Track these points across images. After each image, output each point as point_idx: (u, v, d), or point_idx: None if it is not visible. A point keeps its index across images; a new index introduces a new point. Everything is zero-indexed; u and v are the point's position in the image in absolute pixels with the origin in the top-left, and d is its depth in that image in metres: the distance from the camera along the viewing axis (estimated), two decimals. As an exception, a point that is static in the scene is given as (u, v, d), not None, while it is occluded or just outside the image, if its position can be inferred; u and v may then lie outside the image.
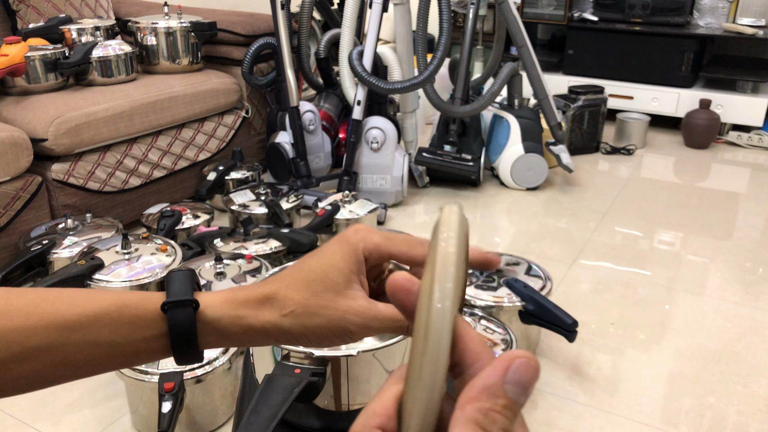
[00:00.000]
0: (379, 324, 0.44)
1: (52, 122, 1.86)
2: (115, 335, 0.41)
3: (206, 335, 0.43)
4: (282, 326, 0.43)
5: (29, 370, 0.40)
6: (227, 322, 0.43)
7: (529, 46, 2.41)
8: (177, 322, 0.42)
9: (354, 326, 0.43)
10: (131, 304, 0.42)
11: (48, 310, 0.40)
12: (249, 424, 0.56)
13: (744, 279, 1.89)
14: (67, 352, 0.40)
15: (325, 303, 0.43)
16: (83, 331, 0.40)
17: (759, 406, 1.37)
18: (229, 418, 1.33)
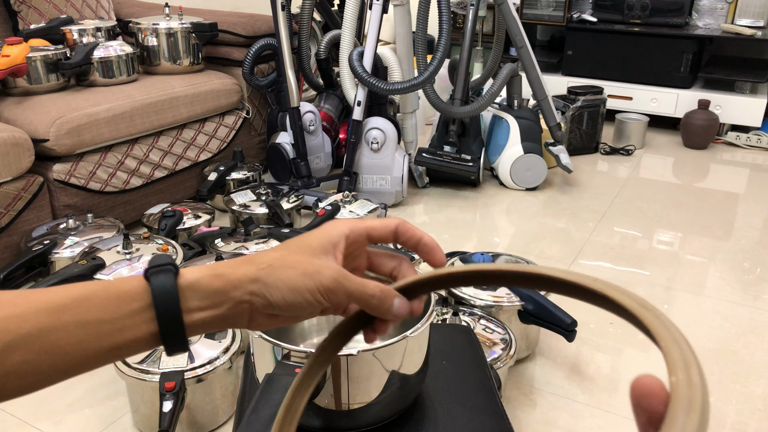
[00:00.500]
0: (355, 287, 0.46)
1: (54, 123, 1.87)
2: (102, 312, 0.42)
3: (189, 299, 0.44)
4: (258, 278, 0.45)
5: (21, 360, 0.40)
6: (206, 281, 0.44)
7: (528, 47, 2.42)
8: (159, 284, 0.43)
9: (328, 280, 0.45)
10: (116, 282, 0.44)
11: (36, 297, 0.41)
12: (249, 423, 0.57)
13: (743, 279, 1.90)
14: (58, 336, 0.40)
15: (301, 258, 0.46)
16: (71, 311, 0.41)
17: (757, 405, 1.38)
18: (229, 417, 1.34)
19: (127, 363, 1.24)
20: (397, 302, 0.49)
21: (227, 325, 0.46)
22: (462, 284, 0.51)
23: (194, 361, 1.24)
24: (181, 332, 0.44)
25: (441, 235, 2.17)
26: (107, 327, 0.42)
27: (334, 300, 0.46)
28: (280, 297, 0.45)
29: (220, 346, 1.29)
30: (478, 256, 1.58)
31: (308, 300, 0.45)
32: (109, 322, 0.42)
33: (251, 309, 0.45)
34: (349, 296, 0.46)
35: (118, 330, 0.42)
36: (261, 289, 0.45)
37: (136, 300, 0.43)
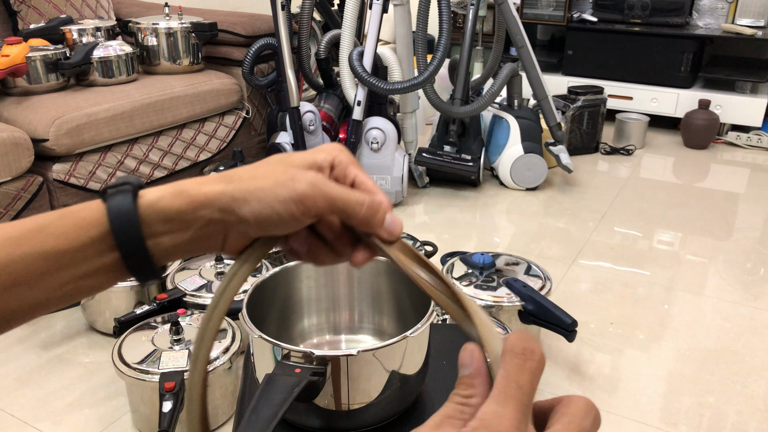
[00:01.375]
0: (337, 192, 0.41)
1: (53, 122, 1.87)
2: (60, 241, 0.39)
3: (151, 223, 0.39)
4: (225, 192, 0.40)
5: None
6: (168, 201, 0.40)
7: (528, 46, 2.42)
8: (115, 206, 0.39)
9: (303, 185, 0.40)
10: (73, 209, 0.40)
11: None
12: (249, 423, 0.57)
13: (743, 279, 1.90)
14: (17, 269, 0.38)
15: (276, 168, 0.41)
16: (28, 243, 0.39)
17: (758, 405, 1.38)
18: (229, 417, 1.34)
19: (126, 363, 1.24)
20: (389, 216, 0.42)
21: (200, 249, 0.41)
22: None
23: (194, 361, 1.24)
24: (146, 259, 0.40)
25: (441, 235, 2.17)
26: (67, 257, 0.39)
27: (312, 208, 0.40)
28: (248, 211, 0.40)
29: (219, 346, 1.29)
30: (478, 256, 1.58)
31: (279, 212, 0.39)
32: (68, 252, 0.39)
33: (224, 229, 0.41)
34: (331, 203, 0.40)
35: (80, 260, 0.39)
36: (230, 204, 0.40)
37: (95, 226, 0.39)
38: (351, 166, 0.44)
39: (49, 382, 1.46)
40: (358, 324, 0.79)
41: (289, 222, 0.40)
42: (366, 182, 0.44)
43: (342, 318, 0.78)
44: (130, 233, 0.39)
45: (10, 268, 0.38)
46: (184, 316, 1.36)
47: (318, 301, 0.77)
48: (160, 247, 0.40)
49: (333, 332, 0.79)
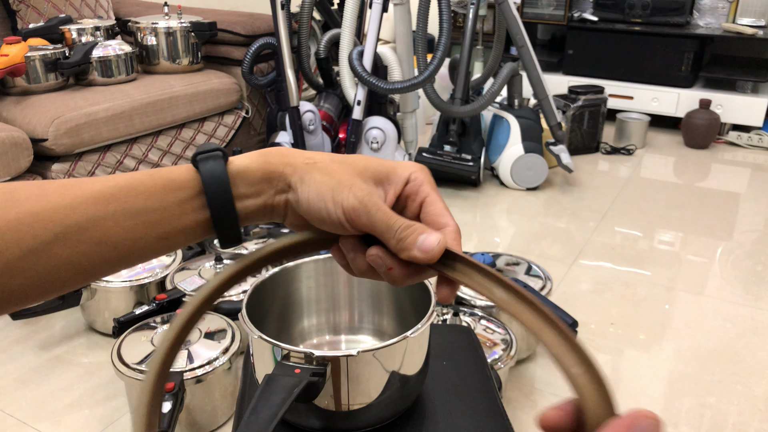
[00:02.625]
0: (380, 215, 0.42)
1: (52, 122, 1.86)
2: (150, 201, 0.40)
3: (238, 186, 0.42)
4: (297, 170, 0.43)
5: (72, 252, 0.39)
6: (255, 167, 0.43)
7: (529, 46, 2.41)
8: (208, 170, 0.41)
9: (354, 199, 0.42)
10: (163, 171, 0.42)
11: (83, 187, 0.40)
12: (249, 424, 0.56)
13: (744, 279, 1.89)
14: (106, 227, 0.39)
15: (344, 169, 0.43)
16: (118, 201, 0.40)
17: (759, 405, 1.38)
18: (229, 418, 1.33)
19: (126, 363, 1.23)
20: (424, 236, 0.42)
21: (269, 217, 0.44)
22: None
23: (193, 362, 1.24)
24: (234, 220, 0.42)
25: (441, 235, 2.17)
26: (156, 215, 0.41)
27: (356, 222, 0.42)
28: (305, 197, 0.43)
29: (219, 346, 1.28)
30: (478, 256, 1.57)
31: (329, 210, 0.42)
32: (157, 211, 0.41)
33: (286, 202, 0.44)
34: (372, 224, 0.42)
35: (167, 219, 0.41)
36: (296, 183, 0.43)
37: (185, 188, 0.41)
38: (426, 185, 0.45)
39: (48, 382, 1.45)
40: (358, 324, 0.78)
41: (332, 222, 0.43)
42: (436, 204, 0.45)
43: (342, 318, 0.78)
44: (222, 195, 0.41)
45: (101, 224, 0.39)
46: (183, 316, 1.35)
47: (318, 301, 0.77)
48: (243, 208, 0.43)
49: (333, 332, 0.78)
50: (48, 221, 0.38)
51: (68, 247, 0.39)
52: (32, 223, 0.38)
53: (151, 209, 0.40)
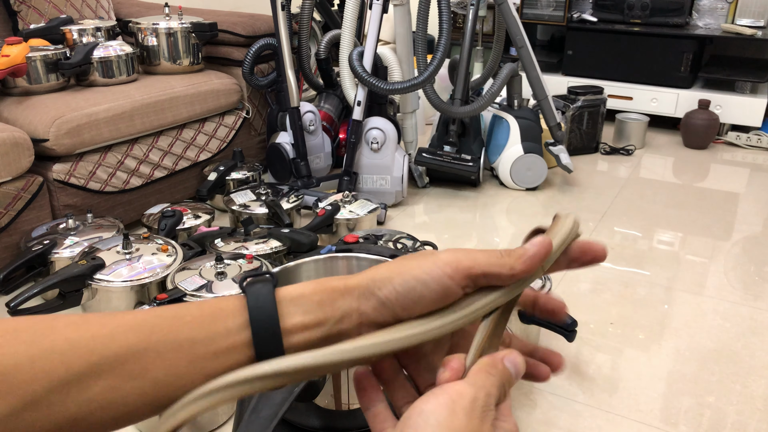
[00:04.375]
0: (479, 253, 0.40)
1: (54, 123, 1.87)
2: (196, 331, 0.37)
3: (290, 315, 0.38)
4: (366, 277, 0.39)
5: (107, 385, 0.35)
6: (309, 292, 0.39)
7: (528, 46, 2.42)
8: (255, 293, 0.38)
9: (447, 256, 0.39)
10: (213, 300, 0.39)
11: (126, 317, 0.37)
12: (249, 423, 0.57)
13: (743, 279, 1.90)
14: (147, 359, 0.36)
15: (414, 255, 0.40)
16: (162, 331, 0.36)
17: (758, 405, 1.38)
18: (229, 417, 1.34)
19: None
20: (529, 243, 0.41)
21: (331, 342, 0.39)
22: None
23: (194, 361, 1.24)
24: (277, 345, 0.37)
25: (441, 235, 2.17)
26: (200, 349, 0.36)
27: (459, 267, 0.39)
28: (391, 289, 0.38)
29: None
30: (478, 256, 1.57)
31: (425, 280, 0.38)
32: (202, 343, 0.37)
33: (360, 322, 0.39)
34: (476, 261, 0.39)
35: (213, 354, 0.37)
36: (369, 286, 0.39)
37: (232, 317, 0.37)
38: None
39: (49, 382, 1.45)
40: (358, 324, 0.79)
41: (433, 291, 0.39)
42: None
43: (342, 318, 0.78)
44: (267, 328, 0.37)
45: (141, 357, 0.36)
46: (184, 316, 1.36)
47: (318, 301, 0.77)
48: (294, 346, 0.38)
49: (333, 332, 0.78)
50: (84, 350, 0.35)
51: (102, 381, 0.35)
52: (66, 352, 0.34)
53: (197, 340, 0.37)
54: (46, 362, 0.34)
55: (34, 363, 0.34)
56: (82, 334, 0.35)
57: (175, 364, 0.36)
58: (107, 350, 0.35)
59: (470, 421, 0.35)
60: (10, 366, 0.33)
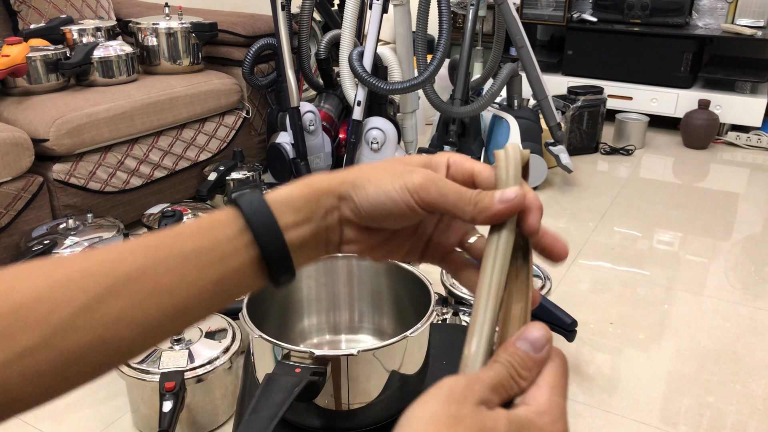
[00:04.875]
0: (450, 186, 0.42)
1: (54, 123, 1.87)
2: (198, 242, 0.39)
3: (283, 215, 0.40)
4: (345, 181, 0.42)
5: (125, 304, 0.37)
6: (297, 192, 0.42)
7: (528, 46, 2.42)
8: (248, 201, 0.40)
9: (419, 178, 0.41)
10: (205, 216, 0.41)
11: (129, 242, 0.39)
12: (249, 423, 0.57)
13: (743, 279, 1.90)
14: (158, 273, 0.38)
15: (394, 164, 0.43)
16: (167, 247, 0.39)
17: (757, 405, 1.38)
18: (229, 417, 1.34)
19: (127, 363, 1.24)
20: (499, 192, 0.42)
21: (322, 246, 0.43)
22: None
23: (194, 361, 1.24)
24: (284, 251, 0.40)
25: (441, 235, 2.17)
26: (206, 256, 0.39)
27: (425, 198, 0.41)
28: (364, 197, 0.42)
29: (220, 346, 1.29)
30: (478, 256, 1.58)
31: (393, 198, 0.41)
32: (207, 251, 0.39)
33: (340, 218, 0.42)
34: (442, 196, 0.41)
35: (219, 259, 0.39)
36: (348, 191, 0.42)
37: (229, 225, 0.40)
38: (467, 161, 0.46)
39: (49, 382, 1.46)
40: (358, 324, 0.79)
41: (400, 210, 0.42)
42: (487, 170, 0.45)
43: (342, 318, 0.79)
44: (266, 224, 0.40)
45: (152, 272, 0.38)
46: (184, 316, 1.36)
47: (318, 301, 0.77)
48: (292, 240, 0.41)
49: (333, 332, 0.79)
50: (97, 275, 0.37)
51: (121, 300, 0.37)
52: (82, 280, 0.36)
53: (202, 250, 0.39)
54: (65, 290, 0.36)
55: (54, 292, 0.36)
56: (93, 262, 0.37)
57: (185, 273, 0.38)
58: (119, 272, 0.37)
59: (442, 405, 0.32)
60: (32, 298, 0.35)
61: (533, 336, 0.36)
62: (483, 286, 0.39)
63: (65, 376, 0.36)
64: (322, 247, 0.43)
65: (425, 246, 0.48)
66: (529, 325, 0.36)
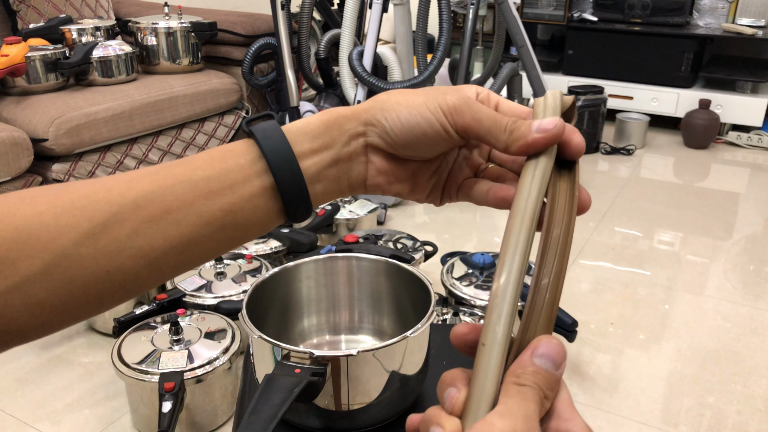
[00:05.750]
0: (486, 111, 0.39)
1: (53, 122, 1.87)
2: (208, 171, 0.37)
3: (299, 143, 0.38)
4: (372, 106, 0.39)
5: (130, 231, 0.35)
6: (315, 120, 0.39)
7: (528, 46, 2.42)
8: (262, 128, 0.38)
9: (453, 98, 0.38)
10: (218, 147, 0.39)
11: (137, 171, 0.38)
12: (249, 423, 0.56)
13: (743, 279, 1.89)
14: (165, 201, 0.36)
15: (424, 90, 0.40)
16: (176, 175, 0.37)
17: (758, 405, 1.38)
18: (229, 417, 1.34)
19: (126, 363, 1.23)
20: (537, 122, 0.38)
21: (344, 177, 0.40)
22: None
23: (194, 362, 1.24)
24: (298, 179, 0.38)
25: (441, 235, 2.17)
26: (216, 183, 0.37)
27: (459, 121, 0.38)
28: (395, 119, 0.38)
29: (219, 346, 1.28)
30: (478, 256, 1.57)
31: (429, 120, 0.38)
32: (216, 179, 0.37)
33: (366, 144, 0.39)
34: (477, 120, 0.38)
35: (229, 186, 0.37)
36: (376, 116, 0.39)
37: (242, 154, 0.38)
38: (493, 94, 0.42)
39: (48, 382, 1.45)
40: (358, 324, 0.78)
41: (436, 133, 0.39)
42: (514, 104, 0.42)
43: (342, 318, 0.78)
44: (279, 150, 0.37)
45: (159, 199, 0.36)
46: (183, 317, 1.36)
47: (318, 301, 0.77)
48: (308, 168, 0.38)
49: (333, 332, 0.78)
50: (102, 202, 0.35)
51: (126, 227, 0.35)
52: (86, 206, 0.35)
53: (211, 177, 0.37)
54: (69, 217, 0.35)
55: (59, 219, 0.34)
56: (98, 189, 0.36)
57: (192, 202, 0.37)
58: (124, 199, 0.36)
59: None
60: (36, 225, 0.34)
61: (551, 351, 0.32)
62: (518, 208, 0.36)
63: (67, 307, 0.35)
64: (344, 181, 0.40)
65: (444, 186, 0.45)
66: (542, 339, 0.33)
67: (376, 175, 0.41)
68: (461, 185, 0.44)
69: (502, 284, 0.34)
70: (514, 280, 0.34)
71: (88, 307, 0.36)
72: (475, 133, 0.39)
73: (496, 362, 0.32)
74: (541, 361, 0.32)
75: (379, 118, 0.39)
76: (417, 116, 0.38)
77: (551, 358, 0.32)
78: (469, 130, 0.39)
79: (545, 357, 0.32)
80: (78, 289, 0.35)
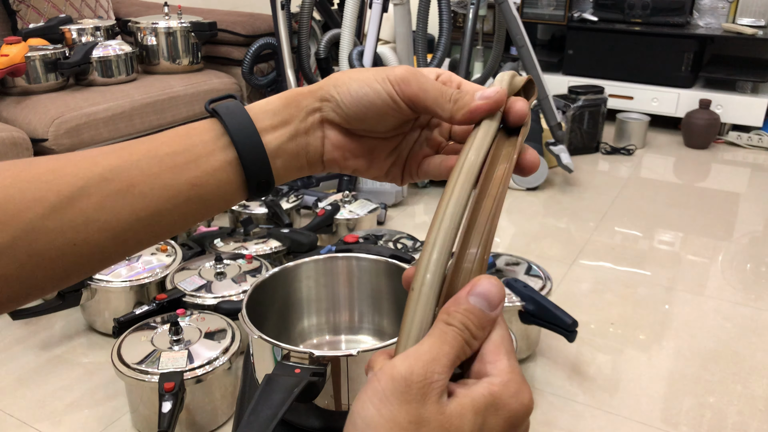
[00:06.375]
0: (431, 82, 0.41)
1: (53, 122, 1.86)
2: (173, 147, 0.39)
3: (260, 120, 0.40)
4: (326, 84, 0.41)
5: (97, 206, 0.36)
6: (274, 99, 0.41)
7: (529, 46, 2.42)
8: (225, 106, 0.40)
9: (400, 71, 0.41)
10: (182, 126, 0.41)
11: (103, 148, 0.39)
12: (249, 424, 0.56)
13: (744, 279, 1.89)
14: (131, 175, 0.37)
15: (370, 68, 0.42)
16: (141, 150, 0.38)
17: (759, 406, 1.38)
18: (229, 418, 1.33)
19: (126, 363, 1.23)
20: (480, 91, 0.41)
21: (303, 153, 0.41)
22: None
23: (193, 362, 1.24)
24: (260, 152, 0.40)
25: (441, 235, 2.17)
26: (181, 157, 0.38)
27: (406, 91, 0.40)
28: (346, 92, 0.40)
29: (219, 346, 1.28)
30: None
31: (377, 90, 0.40)
32: (181, 153, 0.38)
33: (321, 119, 0.42)
34: (423, 91, 0.40)
35: (194, 160, 0.38)
36: (329, 91, 0.41)
37: (207, 131, 0.40)
38: (454, 76, 0.44)
39: (48, 382, 1.45)
40: (358, 324, 0.78)
41: (385, 103, 0.40)
42: (472, 85, 0.43)
43: (342, 318, 0.78)
44: (242, 125, 0.39)
45: (125, 173, 0.37)
46: (183, 317, 1.36)
47: (318, 301, 0.77)
48: (270, 144, 0.40)
49: (333, 332, 0.78)
50: (69, 176, 0.36)
51: (92, 200, 0.36)
52: (53, 180, 0.36)
53: (176, 152, 0.38)
54: (35, 191, 0.35)
55: (25, 193, 0.35)
56: (65, 164, 0.37)
57: (158, 174, 0.38)
58: (91, 173, 0.36)
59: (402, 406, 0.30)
60: (1, 199, 0.34)
61: (488, 291, 0.32)
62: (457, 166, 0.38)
63: (34, 280, 0.35)
64: (303, 156, 0.42)
65: (404, 164, 0.47)
66: (481, 278, 0.33)
67: (332, 150, 0.43)
68: (421, 163, 0.46)
69: (434, 232, 0.35)
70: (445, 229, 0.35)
71: (54, 280, 0.36)
72: (422, 103, 0.41)
73: (422, 305, 0.33)
74: (476, 300, 0.32)
75: (332, 93, 0.41)
76: (365, 87, 0.41)
77: (487, 297, 0.32)
78: (415, 99, 0.41)
79: (481, 296, 0.32)
80: (45, 261, 0.35)
